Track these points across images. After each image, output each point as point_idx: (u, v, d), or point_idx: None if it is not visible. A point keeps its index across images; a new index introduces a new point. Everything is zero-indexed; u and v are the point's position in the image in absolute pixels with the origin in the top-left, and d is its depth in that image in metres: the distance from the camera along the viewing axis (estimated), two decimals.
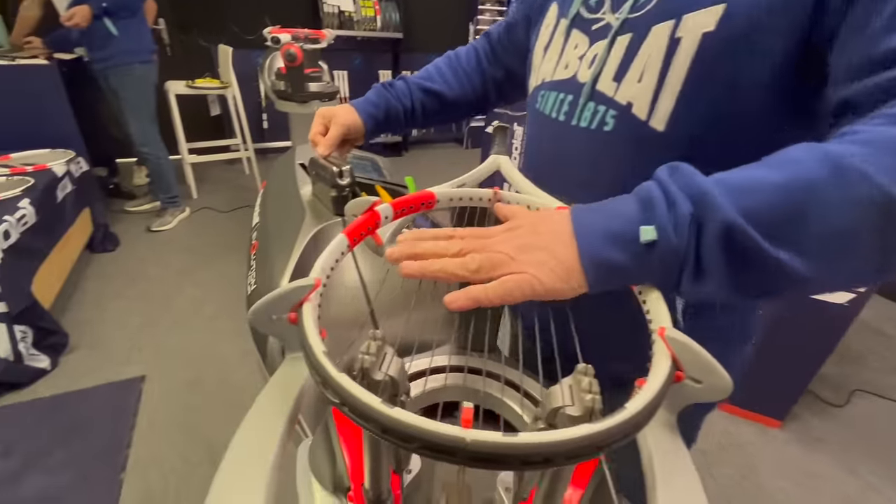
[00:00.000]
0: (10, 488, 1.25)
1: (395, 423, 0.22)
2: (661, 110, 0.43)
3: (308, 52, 1.99)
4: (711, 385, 0.28)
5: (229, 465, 0.28)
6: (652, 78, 0.43)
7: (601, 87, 0.47)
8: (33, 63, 2.20)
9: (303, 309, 0.30)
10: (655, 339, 0.30)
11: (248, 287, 0.68)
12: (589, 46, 0.49)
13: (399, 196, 0.43)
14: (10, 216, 1.60)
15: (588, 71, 0.49)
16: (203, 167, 3.25)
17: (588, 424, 0.22)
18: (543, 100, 0.55)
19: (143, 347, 1.78)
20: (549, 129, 0.54)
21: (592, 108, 0.48)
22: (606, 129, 0.47)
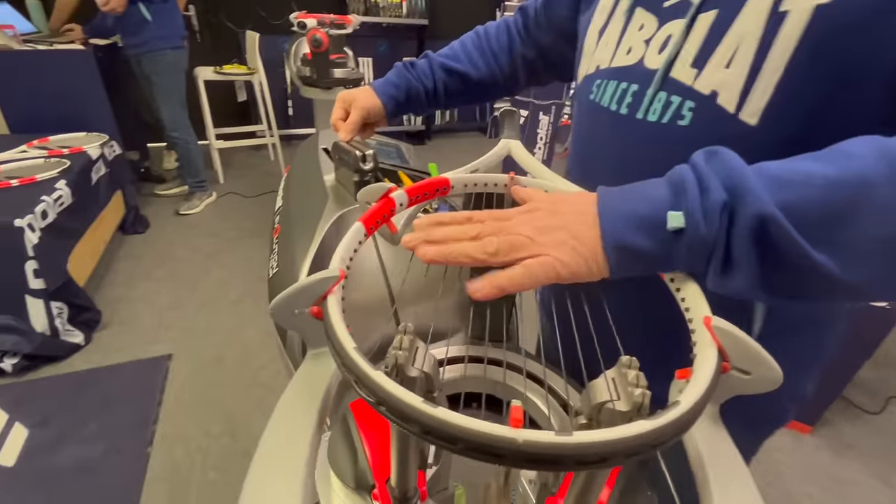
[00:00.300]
0: (47, 456, 1.32)
1: (440, 424, 0.21)
2: (754, 101, 0.37)
3: (334, 38, 1.98)
4: (761, 376, 0.27)
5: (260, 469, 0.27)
6: (745, 62, 0.36)
7: (676, 74, 0.41)
8: (70, 48, 2.27)
9: (327, 302, 0.28)
10: (698, 329, 0.29)
11: (270, 270, 0.68)
12: (659, 27, 0.43)
13: None
14: (47, 196, 1.66)
15: (659, 56, 0.42)
16: (229, 152, 3.31)
17: (645, 421, 0.21)
18: (600, 90, 0.49)
19: (170, 326, 1.84)
20: (608, 123, 0.48)
21: (664, 99, 0.42)
22: (682, 124, 0.41)
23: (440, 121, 4.29)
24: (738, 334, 0.27)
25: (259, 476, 0.26)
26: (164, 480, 1.27)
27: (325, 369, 0.30)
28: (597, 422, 0.27)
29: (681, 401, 0.23)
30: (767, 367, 0.27)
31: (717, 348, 0.27)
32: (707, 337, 0.28)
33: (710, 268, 0.30)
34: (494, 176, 0.45)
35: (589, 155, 0.53)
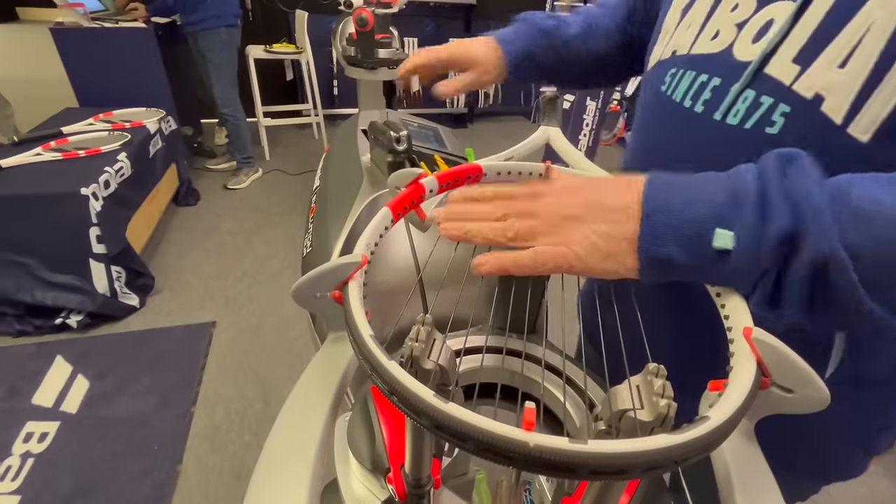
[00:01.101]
0: (104, 406, 1.44)
1: (449, 420, 0.20)
2: (871, 111, 0.30)
3: (379, 17, 1.98)
4: (805, 396, 0.25)
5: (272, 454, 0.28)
6: (867, 61, 0.29)
7: (773, 70, 0.34)
8: (133, 26, 2.39)
9: (348, 287, 0.28)
10: (737, 340, 0.27)
11: (304, 249, 0.70)
12: (756, 9, 0.36)
13: None
14: (110, 167, 1.78)
15: (754, 46, 0.35)
16: (276, 130, 3.41)
17: (667, 435, 0.20)
18: (673, 81, 0.42)
19: (214, 295, 1.94)
20: (678, 121, 0.41)
21: (751, 98, 0.35)
22: (770, 132, 0.34)
23: (483, 104, 4.22)
24: (781, 348, 0.25)
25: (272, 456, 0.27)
26: (206, 439, 1.36)
27: (343, 353, 0.31)
28: (616, 429, 0.26)
29: (710, 416, 0.21)
30: (814, 386, 0.24)
31: (757, 362, 0.25)
32: (746, 349, 0.26)
33: (752, 293, 0.27)
34: (529, 164, 0.44)
35: (651, 154, 0.47)
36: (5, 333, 1.64)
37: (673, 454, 0.19)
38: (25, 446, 1.31)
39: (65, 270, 1.64)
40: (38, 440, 1.33)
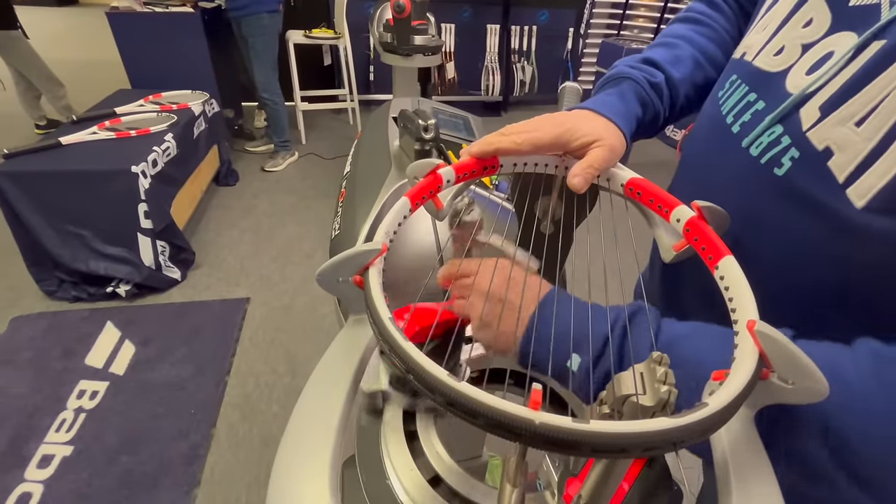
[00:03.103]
0: (148, 371, 1.55)
1: (462, 398, 0.22)
2: (870, 179, 0.28)
3: (417, 4, 1.98)
4: (805, 388, 0.25)
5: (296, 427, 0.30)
6: (882, 124, 0.28)
7: (805, 111, 0.32)
8: (182, 11, 2.48)
9: (369, 273, 0.30)
10: (741, 332, 0.27)
11: (333, 232, 0.73)
12: (827, 32, 0.32)
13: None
14: (157, 147, 1.88)
15: (807, 77, 0.33)
16: (312, 114, 3.48)
17: (667, 418, 0.21)
18: (729, 89, 0.40)
19: (249, 273, 2.04)
20: (718, 133, 0.40)
21: (777, 135, 0.34)
22: (777, 173, 0.34)
23: (518, 92, 4.16)
24: (782, 341, 0.25)
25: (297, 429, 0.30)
26: (237, 407, 1.45)
27: (363, 334, 0.33)
28: (619, 413, 0.27)
29: (709, 402, 0.22)
30: (813, 378, 0.25)
31: (759, 353, 0.26)
32: (749, 341, 0.26)
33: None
34: (545, 157, 0.44)
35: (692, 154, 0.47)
36: (63, 298, 1.78)
37: (670, 436, 0.21)
38: (79, 402, 1.43)
39: (115, 243, 1.76)
40: (90, 398, 1.45)
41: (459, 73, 3.92)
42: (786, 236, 0.35)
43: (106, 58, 2.47)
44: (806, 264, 0.35)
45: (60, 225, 1.70)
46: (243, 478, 1.26)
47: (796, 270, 0.35)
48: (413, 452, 0.41)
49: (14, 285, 1.84)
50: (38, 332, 1.66)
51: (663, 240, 0.39)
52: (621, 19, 3.94)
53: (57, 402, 1.42)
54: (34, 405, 1.41)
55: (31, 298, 1.79)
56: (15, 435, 1.33)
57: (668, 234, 0.39)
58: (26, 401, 1.42)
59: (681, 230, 0.37)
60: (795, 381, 0.26)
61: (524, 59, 4.07)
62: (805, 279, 0.35)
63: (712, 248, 0.34)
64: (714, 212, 0.35)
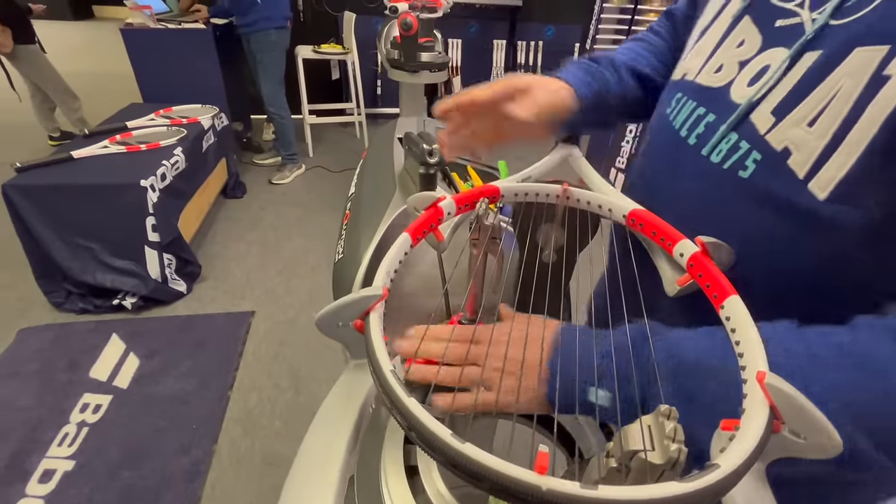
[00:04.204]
0: (151, 384, 1.55)
1: (465, 460, 0.21)
2: (829, 172, 0.31)
3: (424, 21, 2.01)
4: (817, 443, 0.25)
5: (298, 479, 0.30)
6: (830, 124, 0.31)
7: (755, 117, 0.35)
8: (194, 28, 2.53)
9: (369, 320, 0.29)
10: (750, 381, 0.27)
11: (336, 255, 0.73)
12: (760, 50, 0.37)
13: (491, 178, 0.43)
14: (166, 161, 1.90)
15: (748, 89, 0.36)
16: (320, 128, 3.52)
17: (678, 483, 0.20)
18: (677, 106, 0.43)
19: (255, 286, 2.04)
20: (673, 147, 0.42)
21: (734, 141, 0.37)
22: (742, 175, 0.36)
23: None
24: (794, 395, 0.24)
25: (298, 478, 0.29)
26: (239, 422, 1.44)
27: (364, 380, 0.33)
28: (626, 468, 0.26)
29: (720, 463, 0.22)
30: (826, 434, 0.24)
31: (770, 407, 0.25)
32: (759, 393, 0.26)
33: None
34: (546, 186, 0.44)
35: (644, 172, 0.49)
36: (70, 310, 1.80)
37: (682, 502, 0.20)
38: (82, 416, 1.43)
39: (123, 256, 1.78)
40: (93, 411, 1.45)
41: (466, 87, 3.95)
42: (755, 234, 0.37)
43: (120, 71, 2.52)
44: (778, 259, 0.36)
45: (70, 237, 1.72)
46: (244, 496, 1.25)
47: (768, 266, 0.37)
48: (413, 489, 0.40)
49: (23, 297, 1.86)
50: (44, 344, 1.67)
51: (666, 273, 0.39)
52: (627, 34, 3.96)
53: (60, 415, 1.43)
54: (38, 418, 1.42)
55: (39, 310, 1.81)
56: (18, 448, 1.33)
57: (671, 267, 0.38)
58: (30, 413, 1.43)
59: (684, 265, 0.36)
60: (808, 437, 0.25)
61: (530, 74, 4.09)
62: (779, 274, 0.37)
63: (717, 287, 0.33)
64: (718, 247, 0.35)
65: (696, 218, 0.40)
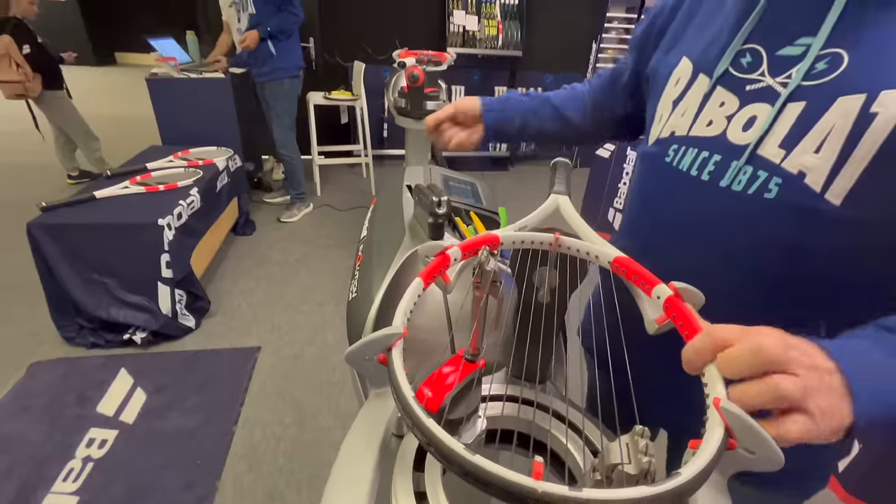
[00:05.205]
0: (157, 419, 1.57)
1: (476, 469, 0.26)
2: (840, 184, 0.41)
3: (430, 74, 2.16)
4: (765, 458, 0.30)
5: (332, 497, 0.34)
6: (833, 150, 0.41)
7: (764, 152, 0.45)
8: (214, 77, 2.70)
9: (392, 355, 0.34)
10: (710, 408, 0.32)
11: (350, 294, 0.79)
12: (740, 107, 0.48)
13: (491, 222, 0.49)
14: (183, 201, 1.99)
15: (744, 133, 0.47)
16: (328, 168, 3.66)
17: (645, 487, 0.26)
18: (677, 154, 0.53)
19: (261, 322, 2.09)
20: (685, 186, 0.51)
21: (750, 172, 0.46)
22: (768, 197, 0.45)
23: (524, 148, 4.35)
24: (744, 418, 0.30)
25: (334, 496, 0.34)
26: (244, 458, 1.45)
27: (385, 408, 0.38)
28: (608, 479, 0.31)
29: (682, 472, 0.27)
30: (771, 450, 0.30)
31: (725, 428, 0.30)
32: (716, 416, 0.31)
33: None
34: (541, 235, 0.50)
35: (655, 214, 0.57)
36: (81, 344, 1.84)
37: (650, 502, 0.25)
38: (87, 451, 1.45)
39: (136, 291, 1.84)
40: (99, 446, 1.47)
41: None
42: (784, 243, 0.45)
43: (139, 113, 2.67)
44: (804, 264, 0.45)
45: (87, 273, 1.78)
46: None
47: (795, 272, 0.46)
48: None
49: (36, 331, 1.90)
50: (55, 379, 1.70)
51: (647, 313, 0.44)
52: None
53: (67, 450, 1.44)
54: (44, 453, 1.43)
55: (50, 344, 1.85)
56: (23, 483, 1.34)
57: (651, 308, 0.44)
58: (37, 449, 1.44)
59: (661, 306, 0.42)
60: (757, 452, 0.30)
61: None
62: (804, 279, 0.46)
63: (688, 326, 0.38)
64: (689, 292, 0.40)
65: (721, 240, 0.49)
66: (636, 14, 3.89)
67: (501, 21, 3.86)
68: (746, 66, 0.47)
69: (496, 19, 3.84)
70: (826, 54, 0.42)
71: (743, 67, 0.48)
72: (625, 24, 3.94)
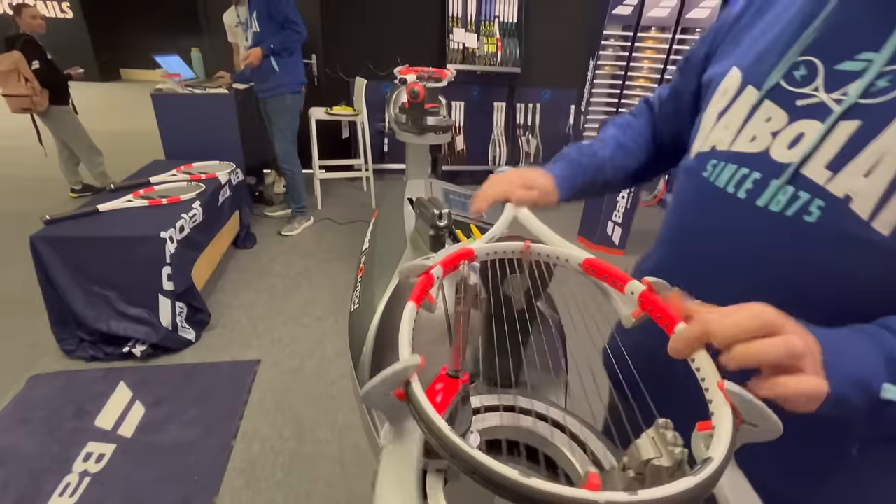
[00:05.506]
0: (155, 433, 1.56)
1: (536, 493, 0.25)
2: (890, 213, 0.38)
3: (430, 90, 2.20)
4: (766, 428, 0.32)
5: None
6: (886, 175, 0.38)
7: (809, 172, 0.42)
8: (217, 93, 2.75)
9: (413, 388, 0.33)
10: (712, 389, 0.34)
11: (352, 305, 0.80)
12: (788, 123, 0.45)
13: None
14: (185, 214, 2.01)
15: (789, 151, 0.44)
16: (329, 182, 3.69)
17: (692, 477, 0.27)
18: (715, 170, 0.50)
19: (261, 335, 2.09)
20: (721, 204, 0.49)
21: (791, 192, 0.43)
22: (808, 220, 0.42)
23: (523, 162, 4.39)
24: (746, 395, 0.32)
25: None
26: (242, 472, 1.44)
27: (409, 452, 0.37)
28: (641, 475, 0.32)
29: (713, 457, 0.29)
30: (771, 420, 0.32)
31: (731, 407, 0.32)
32: (721, 398, 0.33)
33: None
34: (512, 244, 0.51)
35: (692, 229, 0.55)
36: (80, 357, 1.84)
37: (700, 490, 0.26)
38: (84, 465, 1.44)
39: (137, 304, 1.84)
40: (96, 461, 1.46)
41: (468, 145, 4.19)
42: (822, 270, 0.43)
43: (142, 128, 2.71)
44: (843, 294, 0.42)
45: (88, 286, 1.79)
46: None
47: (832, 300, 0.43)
48: None
49: (35, 343, 1.90)
50: (54, 392, 1.69)
51: (621, 310, 0.45)
52: (619, 98, 4.24)
53: (64, 463, 1.43)
54: (41, 467, 1.42)
55: (50, 357, 1.85)
56: (20, 497, 1.33)
57: (624, 304, 0.44)
58: (34, 462, 1.43)
59: (636, 301, 0.43)
60: (759, 424, 0.32)
61: (529, 133, 4.34)
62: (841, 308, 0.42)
63: (667, 317, 0.40)
64: (660, 285, 0.42)
65: (755, 260, 0.47)
66: (632, 32, 3.97)
67: (500, 39, 3.93)
68: (800, 79, 0.45)
69: (495, 37, 3.92)
70: (889, 71, 0.39)
71: (796, 81, 0.45)
72: (621, 41, 4.01)
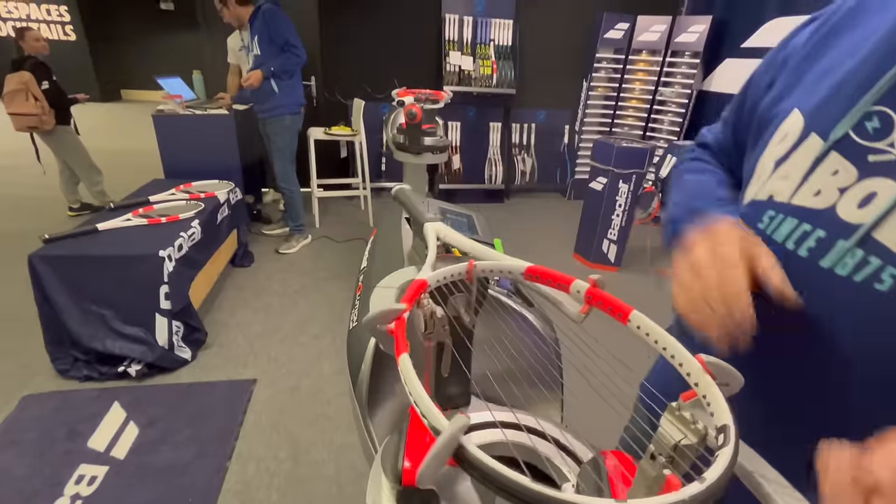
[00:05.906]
0: (149, 454, 1.54)
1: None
2: None
3: (427, 111, 2.25)
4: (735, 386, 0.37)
5: None
6: None
7: (881, 236, 0.38)
8: (217, 114, 2.80)
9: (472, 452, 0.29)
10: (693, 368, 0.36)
11: (351, 323, 0.81)
12: (858, 179, 0.40)
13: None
14: (184, 233, 2.03)
15: (860, 211, 0.40)
16: (326, 200, 3.72)
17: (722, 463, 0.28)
18: (773, 222, 0.46)
19: (258, 354, 2.08)
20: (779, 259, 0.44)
21: (860, 256, 0.39)
22: (879, 288, 0.38)
23: (519, 181, 4.45)
24: (717, 361, 0.36)
25: None
26: (237, 494, 1.42)
27: None
28: (670, 458, 0.33)
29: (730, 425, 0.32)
30: (735, 375, 0.37)
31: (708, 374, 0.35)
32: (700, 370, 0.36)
33: None
34: (458, 266, 0.51)
35: None
36: (74, 377, 1.82)
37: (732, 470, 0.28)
38: (76, 488, 1.41)
39: (134, 322, 1.83)
40: (88, 483, 1.43)
41: (465, 164, 4.25)
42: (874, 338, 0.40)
43: (142, 148, 2.74)
44: None
45: (85, 304, 1.79)
46: None
47: None
48: None
49: (29, 363, 1.89)
50: (46, 412, 1.67)
51: (568, 309, 0.46)
52: (612, 118, 4.33)
53: (55, 486, 1.41)
54: (32, 490, 1.39)
55: (43, 377, 1.83)
56: None
57: (571, 303, 0.46)
58: (25, 484, 1.41)
59: (583, 298, 0.45)
60: (730, 383, 0.36)
61: (524, 152, 4.42)
62: None
63: (617, 308, 0.42)
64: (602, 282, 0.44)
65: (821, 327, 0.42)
66: (623, 55, 4.09)
67: (496, 61, 4.03)
68: (872, 132, 0.40)
69: (490, 59, 4.02)
70: None
71: (867, 134, 0.40)
72: (613, 63, 4.12)
